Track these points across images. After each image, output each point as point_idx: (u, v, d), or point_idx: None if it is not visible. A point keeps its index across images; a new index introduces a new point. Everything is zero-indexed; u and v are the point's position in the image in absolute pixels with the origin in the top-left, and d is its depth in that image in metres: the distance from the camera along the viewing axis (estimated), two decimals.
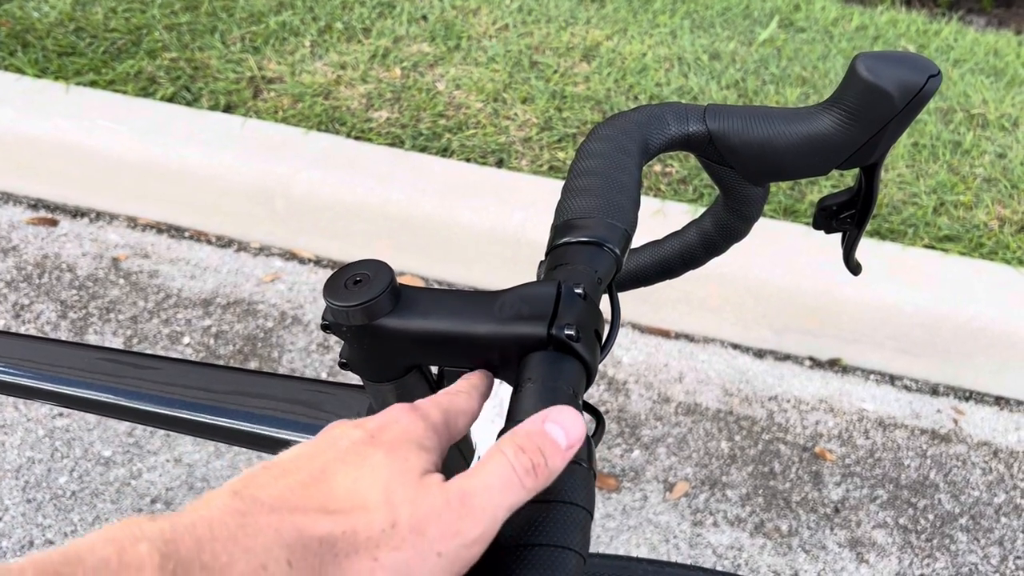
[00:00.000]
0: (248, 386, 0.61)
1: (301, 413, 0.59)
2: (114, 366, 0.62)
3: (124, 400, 0.60)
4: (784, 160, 0.60)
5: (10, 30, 2.25)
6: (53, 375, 0.62)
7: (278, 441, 0.59)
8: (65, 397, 0.62)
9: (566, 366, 0.46)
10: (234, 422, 0.59)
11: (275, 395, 0.60)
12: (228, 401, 0.60)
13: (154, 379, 0.61)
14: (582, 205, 0.55)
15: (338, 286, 0.49)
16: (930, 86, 0.54)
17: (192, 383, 0.61)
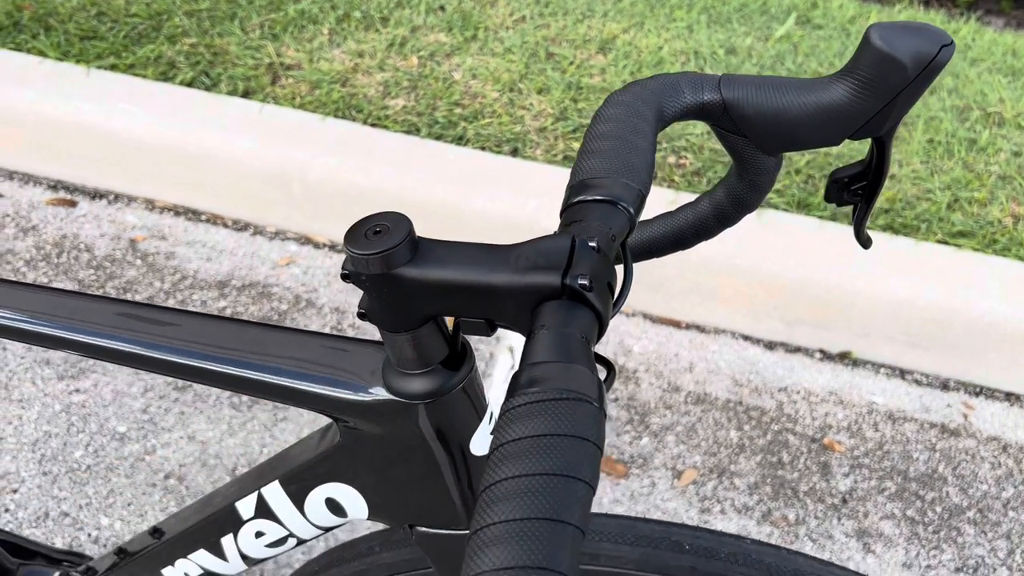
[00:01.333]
0: (269, 340, 0.62)
1: (319, 366, 0.60)
2: (142, 321, 0.64)
3: (153, 352, 0.62)
4: (797, 129, 0.61)
5: (33, 13, 2.28)
6: (89, 329, 0.64)
7: (296, 392, 0.60)
8: (99, 349, 0.64)
9: (579, 314, 0.47)
10: (256, 374, 0.61)
11: (295, 349, 0.61)
12: (250, 354, 0.61)
13: (180, 333, 0.62)
14: (597, 165, 0.56)
15: (358, 236, 0.50)
16: (943, 55, 0.55)
17: (217, 337, 0.62)
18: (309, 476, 0.66)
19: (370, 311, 0.54)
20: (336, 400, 0.60)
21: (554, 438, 0.40)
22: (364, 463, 0.63)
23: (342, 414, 0.60)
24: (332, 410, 0.60)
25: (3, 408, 1.64)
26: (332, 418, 0.62)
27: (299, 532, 0.71)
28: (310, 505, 0.68)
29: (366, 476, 0.64)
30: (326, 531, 0.71)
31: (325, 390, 0.60)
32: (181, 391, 1.69)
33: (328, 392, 0.60)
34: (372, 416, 0.59)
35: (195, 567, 0.79)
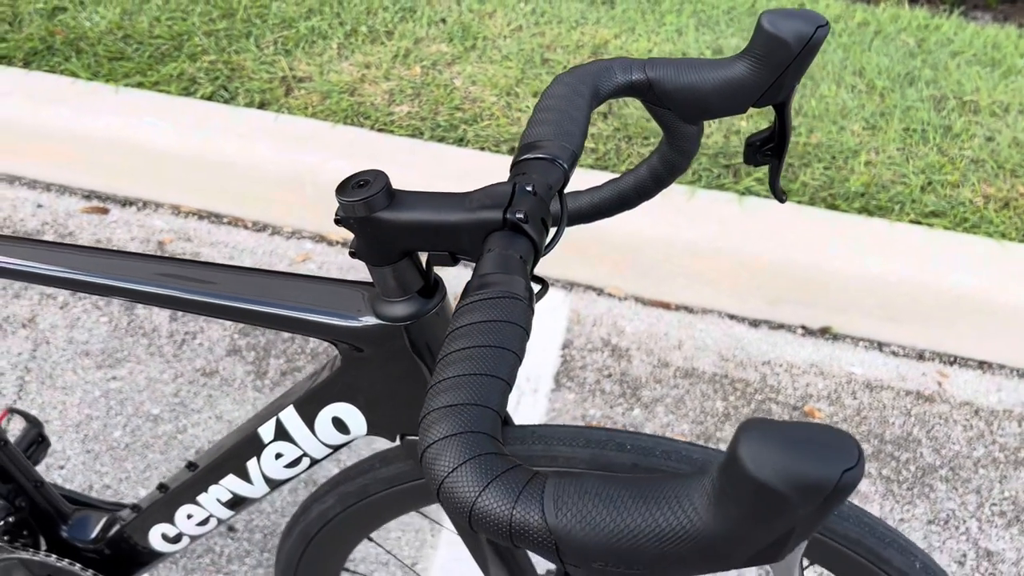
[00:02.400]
0: (281, 283, 0.77)
1: (322, 301, 0.75)
2: (179, 273, 0.79)
3: (189, 295, 0.77)
4: (709, 100, 0.75)
5: (64, 38, 2.46)
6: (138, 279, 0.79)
7: (304, 322, 0.74)
8: (148, 295, 0.78)
9: (517, 241, 0.61)
10: (272, 309, 0.75)
11: (302, 289, 0.76)
12: (268, 294, 0.76)
13: (211, 278, 0.77)
14: (540, 131, 0.70)
15: (347, 188, 0.65)
16: (819, 35, 0.70)
17: (241, 282, 0.77)
18: (317, 398, 0.81)
19: (359, 249, 0.68)
20: (336, 327, 0.74)
21: (493, 323, 0.54)
22: (361, 382, 0.78)
23: (341, 339, 0.75)
24: (333, 336, 0.75)
25: (49, 395, 1.80)
26: (333, 343, 0.76)
27: (311, 451, 0.85)
28: (319, 425, 0.83)
29: (364, 394, 0.79)
30: (334, 450, 0.86)
31: (328, 319, 0.74)
32: (208, 376, 1.84)
33: (330, 321, 0.74)
34: (365, 339, 0.74)
35: (225, 492, 0.94)
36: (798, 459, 0.35)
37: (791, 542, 0.39)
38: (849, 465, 0.36)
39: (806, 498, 0.35)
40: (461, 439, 0.47)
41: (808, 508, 0.36)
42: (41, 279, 0.82)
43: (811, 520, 0.37)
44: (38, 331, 1.93)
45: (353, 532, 0.97)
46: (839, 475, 0.35)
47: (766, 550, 0.39)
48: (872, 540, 0.79)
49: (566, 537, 0.41)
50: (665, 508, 0.40)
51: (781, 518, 0.37)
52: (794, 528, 0.38)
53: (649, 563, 0.41)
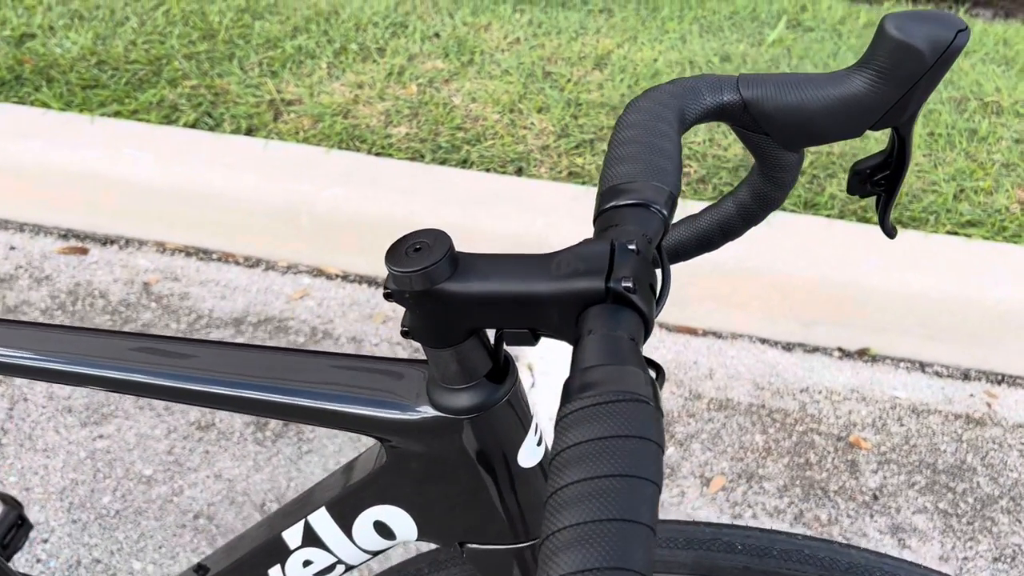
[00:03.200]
0: (310, 366, 0.62)
1: (364, 388, 0.61)
2: (184, 355, 0.64)
3: (202, 386, 0.62)
4: (817, 123, 0.61)
5: (34, 67, 2.30)
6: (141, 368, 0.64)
7: (343, 415, 0.60)
8: (151, 387, 0.64)
9: (625, 317, 0.47)
10: (302, 400, 0.61)
11: (337, 373, 0.62)
12: (294, 381, 0.62)
13: (223, 365, 0.63)
14: (626, 171, 0.56)
15: (399, 254, 0.51)
16: (959, 40, 0.56)
17: (261, 366, 0.63)
18: (356, 500, 0.67)
19: (413, 328, 0.54)
20: (382, 421, 0.60)
21: (616, 440, 0.40)
22: (412, 483, 0.64)
23: (388, 434, 0.61)
24: (378, 431, 0.61)
25: (28, 458, 1.64)
26: (378, 439, 0.62)
27: (347, 558, 0.71)
28: (358, 529, 0.68)
29: (414, 496, 0.64)
30: (374, 555, 0.71)
31: (371, 411, 0.60)
32: (204, 430, 1.69)
33: (374, 413, 0.60)
34: (418, 434, 0.60)
35: None
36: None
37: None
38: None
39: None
40: None
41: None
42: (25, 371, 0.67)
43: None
44: (14, 386, 1.77)
45: None
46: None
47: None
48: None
49: None
50: None
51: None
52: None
53: None
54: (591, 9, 2.80)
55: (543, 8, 2.76)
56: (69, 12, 2.52)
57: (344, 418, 0.61)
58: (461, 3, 2.71)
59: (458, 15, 2.62)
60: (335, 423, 0.61)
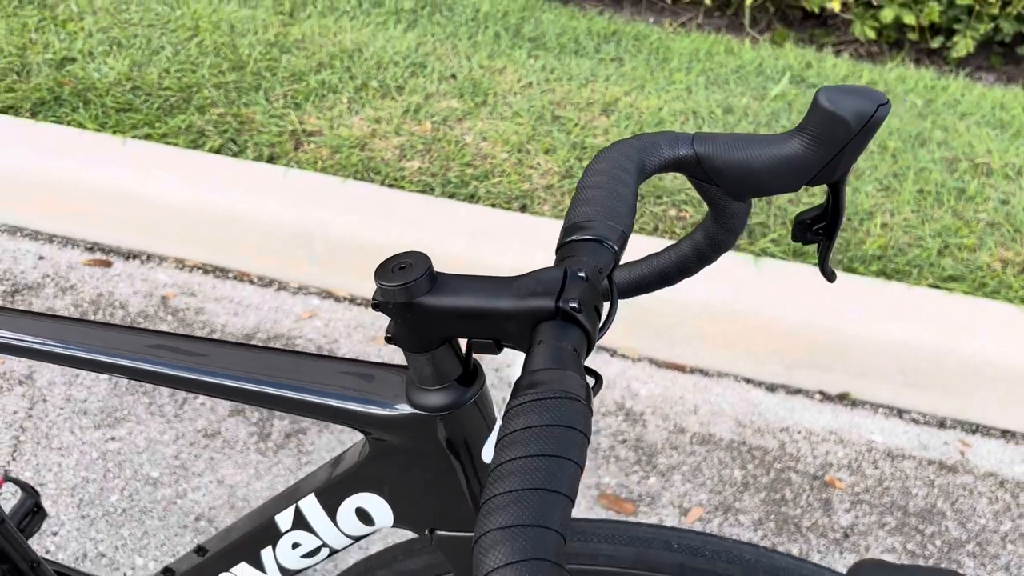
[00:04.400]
0: (308, 366, 0.72)
1: (352, 387, 0.70)
2: (204, 352, 0.74)
3: (213, 379, 0.72)
4: (761, 178, 0.71)
5: (73, 89, 2.44)
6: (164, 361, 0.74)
7: (333, 409, 0.70)
8: (172, 378, 0.73)
9: (570, 332, 0.57)
10: (298, 395, 0.70)
11: (331, 373, 0.71)
12: (293, 378, 0.71)
13: (235, 362, 0.73)
14: (586, 211, 0.66)
15: (387, 271, 0.61)
16: (880, 113, 0.66)
17: (266, 364, 0.72)
18: (341, 487, 0.76)
19: (396, 335, 0.64)
20: (365, 415, 0.69)
21: (549, 428, 0.50)
22: (390, 473, 0.73)
23: (370, 427, 0.70)
24: (362, 424, 0.70)
25: (44, 456, 1.74)
26: (362, 431, 0.71)
27: (332, 542, 0.80)
28: (342, 515, 0.77)
29: (392, 485, 0.74)
30: (356, 540, 0.80)
31: (357, 407, 0.69)
32: (210, 438, 1.78)
33: (360, 408, 0.69)
34: (397, 429, 0.69)
35: None
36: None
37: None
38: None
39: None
40: (523, 568, 0.43)
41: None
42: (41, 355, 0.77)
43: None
44: (35, 388, 1.87)
45: None
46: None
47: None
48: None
49: None
50: None
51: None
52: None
53: None
54: (603, 58, 2.93)
55: (557, 55, 2.88)
56: (108, 39, 2.66)
57: (333, 411, 0.70)
58: (479, 47, 2.85)
59: (475, 58, 2.75)
60: (325, 415, 0.71)
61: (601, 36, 3.10)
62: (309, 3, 3.04)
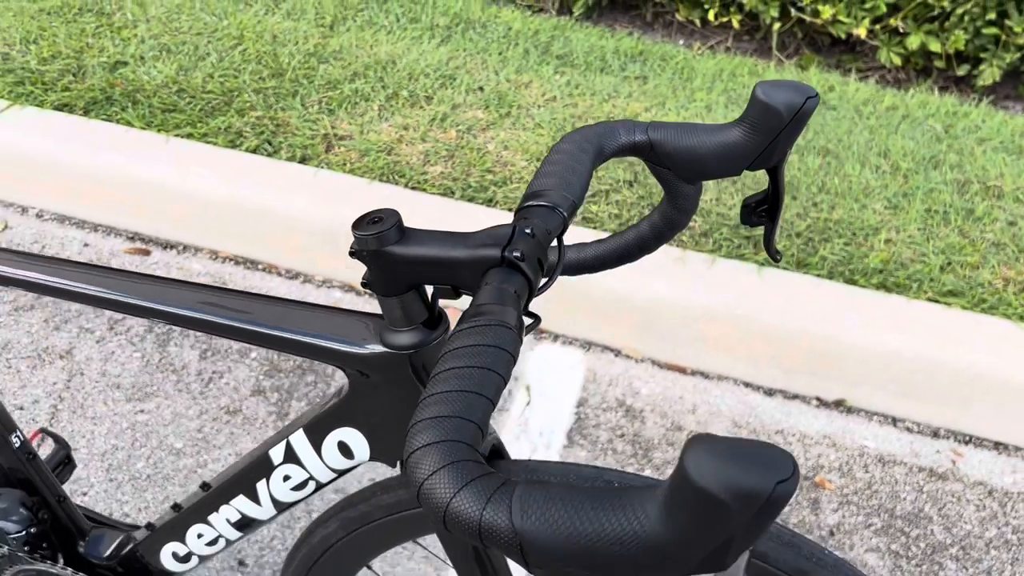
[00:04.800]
0: (299, 311, 0.83)
1: (334, 329, 0.80)
2: (208, 297, 0.85)
3: (214, 318, 0.83)
4: (707, 162, 0.81)
5: (123, 90, 2.61)
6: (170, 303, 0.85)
7: (317, 347, 0.80)
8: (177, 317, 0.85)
9: (513, 277, 0.67)
10: (289, 335, 0.81)
11: (316, 317, 0.82)
12: (286, 321, 0.82)
13: (235, 305, 0.83)
14: (544, 183, 0.76)
15: (362, 223, 0.71)
16: (808, 104, 0.76)
17: (261, 308, 0.83)
18: (325, 423, 0.86)
19: (370, 281, 0.74)
20: (346, 354, 0.80)
21: (484, 347, 0.59)
22: (367, 408, 0.83)
23: (350, 365, 0.80)
24: (343, 362, 0.80)
25: (79, 423, 1.87)
26: (342, 368, 0.81)
27: (317, 475, 0.90)
28: (326, 449, 0.87)
29: (368, 420, 0.84)
30: (339, 474, 0.90)
31: (339, 346, 0.80)
32: (232, 415, 1.90)
33: (341, 348, 0.80)
34: (372, 366, 0.79)
35: (235, 512, 0.98)
36: (737, 470, 0.39)
37: (733, 549, 0.42)
38: (783, 477, 0.39)
39: (744, 505, 0.39)
40: (441, 447, 0.52)
41: (746, 515, 0.39)
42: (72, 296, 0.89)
43: (750, 529, 0.40)
44: (74, 363, 2.01)
45: (354, 559, 1.00)
46: (773, 486, 0.39)
47: (711, 556, 0.42)
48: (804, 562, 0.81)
49: (530, 540, 0.46)
50: (621, 514, 0.44)
51: (722, 524, 0.40)
52: (735, 535, 0.41)
53: (606, 566, 0.45)
54: (627, 76, 3.03)
55: (582, 72, 2.99)
56: (159, 45, 2.83)
57: (319, 350, 0.81)
58: (507, 62, 2.97)
59: (503, 72, 2.87)
60: (312, 354, 0.81)
61: (628, 55, 3.21)
62: (349, 17, 3.19)
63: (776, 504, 0.39)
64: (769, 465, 0.40)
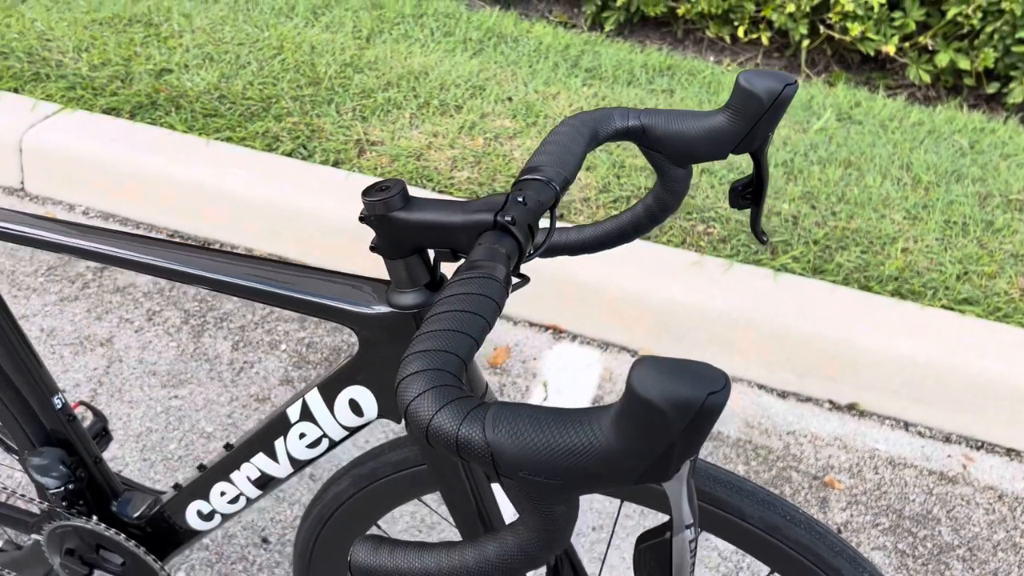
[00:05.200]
0: (313, 275, 0.90)
1: (346, 292, 0.88)
2: (227, 261, 0.93)
3: (235, 279, 0.91)
4: (694, 146, 0.87)
5: (167, 95, 2.73)
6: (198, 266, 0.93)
7: (329, 307, 0.87)
8: (203, 279, 0.92)
9: (505, 240, 0.74)
10: (304, 295, 0.88)
11: (329, 281, 0.89)
12: (301, 283, 0.89)
13: (256, 269, 0.91)
14: (541, 160, 0.83)
15: (371, 191, 0.79)
16: (787, 92, 0.82)
17: (279, 272, 0.91)
18: (337, 381, 0.93)
19: (377, 245, 0.81)
20: (355, 314, 0.87)
21: (472, 295, 0.66)
22: (375, 366, 0.90)
23: (359, 325, 0.87)
24: (352, 322, 0.88)
25: (116, 407, 1.97)
26: (352, 328, 0.89)
27: (330, 432, 0.97)
28: (338, 407, 0.95)
29: (377, 378, 0.91)
30: (350, 432, 0.97)
31: (349, 307, 0.87)
32: (261, 402, 1.99)
33: (351, 308, 0.87)
34: (379, 325, 0.86)
35: (254, 470, 1.06)
36: (674, 382, 0.44)
37: (675, 460, 0.47)
38: (715, 389, 0.44)
39: (680, 413, 0.44)
40: (427, 374, 0.59)
41: (682, 422, 0.44)
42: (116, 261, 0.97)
43: (688, 438, 0.46)
44: (113, 350, 2.11)
45: (364, 515, 1.07)
46: (705, 396, 0.44)
47: (655, 466, 0.48)
48: (822, 548, 0.86)
49: (500, 450, 0.52)
50: (578, 428, 0.51)
51: (662, 432, 0.45)
52: (675, 444, 0.46)
53: (564, 473, 0.52)
54: (654, 88, 3.10)
55: (610, 84, 3.07)
56: (202, 54, 2.96)
57: (331, 310, 0.88)
58: (537, 74, 3.05)
59: (532, 84, 2.95)
60: (325, 314, 0.89)
61: (656, 70, 3.27)
62: (385, 30, 3.30)
63: (709, 413, 0.44)
64: (703, 379, 0.45)
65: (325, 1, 3.48)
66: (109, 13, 3.20)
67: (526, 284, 0.77)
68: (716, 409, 0.45)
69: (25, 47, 2.95)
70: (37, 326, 2.16)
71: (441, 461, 0.95)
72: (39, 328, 2.16)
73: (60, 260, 2.37)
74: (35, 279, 2.31)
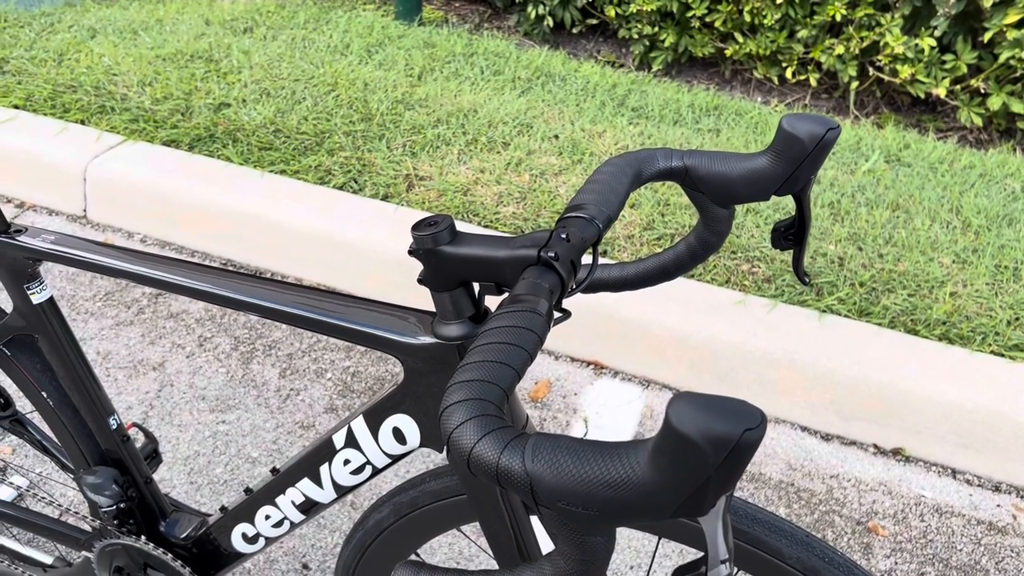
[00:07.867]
0: (363, 305, 0.93)
1: (393, 322, 0.91)
2: (282, 291, 0.97)
3: (288, 308, 0.94)
4: (737, 187, 0.89)
5: (225, 129, 2.82)
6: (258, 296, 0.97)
7: (377, 337, 0.90)
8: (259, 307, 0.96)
9: (548, 275, 0.76)
10: (354, 325, 0.91)
11: (378, 312, 0.92)
12: (352, 312, 0.92)
13: (308, 299, 0.95)
14: (585, 198, 0.85)
15: (420, 226, 0.82)
16: (829, 136, 0.84)
17: (330, 302, 0.94)
18: (382, 409, 0.96)
19: (425, 278, 0.84)
20: (402, 344, 0.89)
21: (515, 328, 0.69)
22: (419, 395, 0.92)
23: (404, 354, 0.90)
24: (397, 351, 0.90)
25: (166, 429, 2.02)
26: (398, 357, 0.91)
27: (374, 459, 1.00)
28: (382, 434, 0.97)
29: (420, 406, 0.93)
30: (393, 460, 1.00)
31: (396, 337, 0.90)
32: (305, 429, 2.02)
33: (397, 338, 0.90)
34: (424, 355, 0.89)
35: (299, 494, 1.08)
36: (711, 418, 0.45)
37: (710, 495, 0.48)
38: (751, 426, 0.45)
39: (715, 449, 0.45)
40: (470, 403, 0.61)
41: (718, 458, 0.45)
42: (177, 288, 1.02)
43: (724, 474, 0.46)
44: (165, 375, 2.17)
45: (404, 543, 1.09)
46: (741, 432, 0.45)
47: (690, 500, 0.48)
48: (815, 560, 0.86)
49: (538, 480, 0.54)
50: (616, 460, 0.53)
51: (698, 467, 0.46)
52: (710, 479, 0.47)
53: (601, 505, 0.53)
54: (700, 128, 3.12)
55: (656, 123, 3.09)
56: (259, 89, 3.06)
57: (379, 340, 0.91)
58: (583, 113, 3.09)
59: (578, 122, 2.99)
60: (373, 344, 0.91)
61: (703, 109, 3.30)
62: (436, 69, 3.38)
63: (745, 449, 0.45)
64: (739, 415, 0.46)
65: (379, 40, 3.58)
66: (172, 49, 3.33)
67: (568, 318, 0.79)
68: (752, 445, 0.45)
69: (93, 81, 3.08)
70: (94, 349, 2.23)
71: (481, 491, 0.97)
72: (95, 351, 2.23)
73: (117, 286, 2.45)
74: (93, 303, 2.39)
